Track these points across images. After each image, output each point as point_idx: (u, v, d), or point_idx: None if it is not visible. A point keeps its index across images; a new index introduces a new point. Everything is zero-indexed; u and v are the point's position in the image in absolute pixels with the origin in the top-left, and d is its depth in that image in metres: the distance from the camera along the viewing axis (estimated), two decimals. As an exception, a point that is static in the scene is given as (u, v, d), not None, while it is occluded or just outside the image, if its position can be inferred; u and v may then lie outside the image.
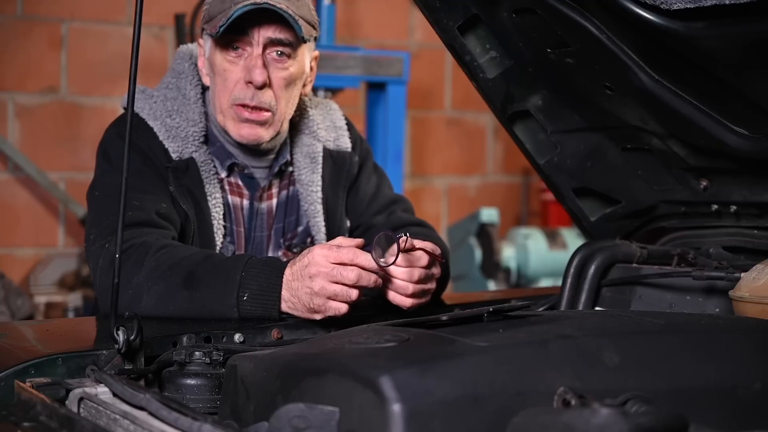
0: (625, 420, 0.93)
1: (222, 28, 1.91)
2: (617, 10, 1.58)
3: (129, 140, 1.40)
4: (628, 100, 1.79)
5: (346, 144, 2.20)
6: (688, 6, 1.47)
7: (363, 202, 2.20)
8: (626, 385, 1.10)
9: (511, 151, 5.29)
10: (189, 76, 2.07)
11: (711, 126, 1.69)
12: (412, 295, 1.78)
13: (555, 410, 1.04)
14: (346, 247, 1.68)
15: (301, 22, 1.94)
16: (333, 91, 4.31)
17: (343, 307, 1.67)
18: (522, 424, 1.01)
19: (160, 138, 1.99)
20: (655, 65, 1.67)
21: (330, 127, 2.20)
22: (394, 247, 1.68)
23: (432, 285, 1.83)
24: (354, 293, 1.66)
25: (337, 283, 1.65)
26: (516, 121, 2.03)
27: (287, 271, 1.72)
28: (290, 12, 1.92)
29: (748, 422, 1.15)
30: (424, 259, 1.78)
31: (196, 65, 2.09)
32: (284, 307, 1.72)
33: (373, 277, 1.68)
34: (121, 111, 2.12)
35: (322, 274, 1.65)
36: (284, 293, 1.71)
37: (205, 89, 2.08)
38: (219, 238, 2.00)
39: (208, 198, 2.00)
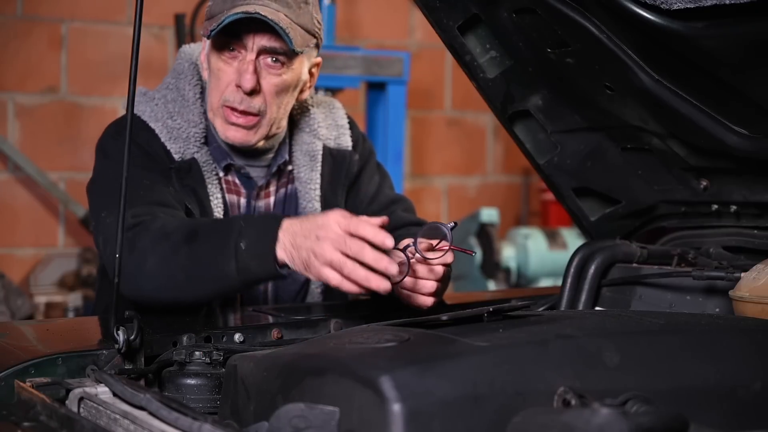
0: (625, 420, 0.93)
1: (213, 33, 1.90)
2: (617, 10, 1.58)
3: (129, 140, 1.40)
4: (628, 100, 1.79)
5: (347, 143, 2.19)
6: (688, 6, 1.47)
7: (363, 202, 2.19)
8: (626, 385, 1.10)
9: (511, 151, 5.29)
10: (188, 77, 2.07)
11: (711, 126, 1.69)
12: (433, 294, 1.77)
13: (555, 410, 1.04)
14: (365, 222, 1.62)
15: (296, 32, 1.90)
16: (333, 91, 4.31)
17: (335, 278, 1.61)
18: (522, 424, 1.01)
19: (162, 139, 1.99)
20: (655, 65, 1.67)
21: (332, 126, 2.19)
22: (435, 242, 1.66)
23: (447, 283, 1.83)
24: (349, 265, 1.59)
25: (340, 252, 1.60)
26: (516, 121, 2.03)
27: (297, 224, 1.68)
28: (282, 25, 1.88)
29: (748, 422, 1.15)
30: (449, 256, 1.76)
31: (195, 65, 2.08)
32: (282, 254, 1.68)
33: (384, 261, 1.58)
34: (123, 112, 2.11)
35: (329, 240, 1.60)
36: (286, 242, 1.68)
37: (204, 89, 2.08)
38: None
39: (210, 197, 2.00)
